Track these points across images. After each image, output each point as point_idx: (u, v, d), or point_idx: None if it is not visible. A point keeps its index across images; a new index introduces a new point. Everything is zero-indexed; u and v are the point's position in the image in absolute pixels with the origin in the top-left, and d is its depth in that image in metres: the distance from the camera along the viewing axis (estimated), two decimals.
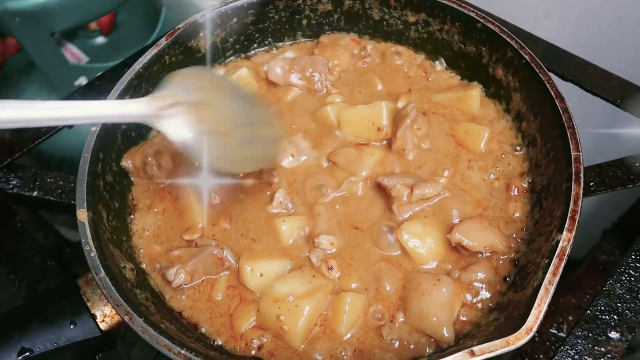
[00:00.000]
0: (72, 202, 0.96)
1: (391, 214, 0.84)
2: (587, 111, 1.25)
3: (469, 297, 0.76)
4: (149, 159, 0.89)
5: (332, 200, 0.87)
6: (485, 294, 0.76)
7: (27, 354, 0.64)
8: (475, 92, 0.97)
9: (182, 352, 0.63)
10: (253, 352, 0.74)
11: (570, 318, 1.08)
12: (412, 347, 0.73)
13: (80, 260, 0.84)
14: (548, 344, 1.05)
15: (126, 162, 0.89)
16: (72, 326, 0.68)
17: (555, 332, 1.07)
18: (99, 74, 1.13)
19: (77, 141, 1.45)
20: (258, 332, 0.75)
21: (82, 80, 1.59)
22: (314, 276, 0.77)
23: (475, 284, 0.77)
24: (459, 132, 0.94)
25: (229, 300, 0.79)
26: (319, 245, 0.80)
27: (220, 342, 0.76)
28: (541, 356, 1.03)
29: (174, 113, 0.66)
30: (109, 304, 0.70)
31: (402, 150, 0.90)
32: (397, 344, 0.73)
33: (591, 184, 0.92)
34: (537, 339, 1.05)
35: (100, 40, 1.75)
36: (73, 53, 1.70)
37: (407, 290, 0.76)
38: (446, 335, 0.71)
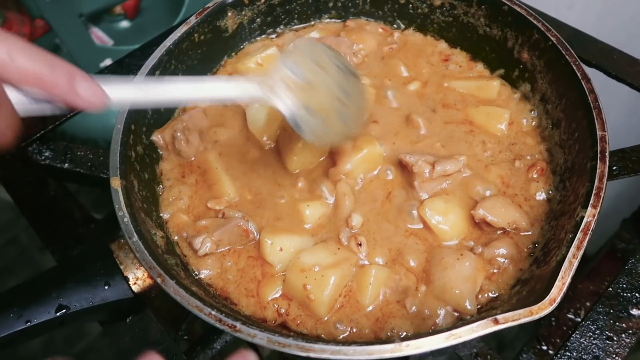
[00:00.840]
0: (102, 175, 0.99)
1: (412, 190, 0.86)
2: (609, 101, 1.24)
3: (491, 272, 0.77)
4: (178, 134, 0.91)
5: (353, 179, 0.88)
6: (507, 269, 0.77)
7: (64, 310, 0.66)
8: (496, 83, 0.98)
9: (213, 313, 0.64)
10: (279, 320, 0.76)
11: (587, 304, 1.08)
12: (435, 318, 0.74)
13: (106, 234, 0.87)
14: (565, 328, 1.05)
15: (156, 137, 0.92)
16: (106, 287, 0.70)
17: (572, 317, 1.08)
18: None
19: (100, 122, 1.48)
20: (284, 302, 0.77)
21: (108, 62, 1.62)
22: (339, 248, 0.79)
23: (497, 259, 0.78)
24: (479, 116, 0.95)
25: (252, 270, 0.81)
26: (351, 226, 0.82)
27: (246, 310, 0.78)
28: (557, 340, 1.03)
29: (284, 93, 0.70)
30: (141, 268, 0.72)
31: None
32: (419, 315, 0.75)
33: (614, 167, 0.92)
34: (553, 323, 1.06)
35: (124, 24, 1.79)
36: (98, 37, 1.73)
37: (431, 264, 0.78)
38: (468, 307, 0.72)
